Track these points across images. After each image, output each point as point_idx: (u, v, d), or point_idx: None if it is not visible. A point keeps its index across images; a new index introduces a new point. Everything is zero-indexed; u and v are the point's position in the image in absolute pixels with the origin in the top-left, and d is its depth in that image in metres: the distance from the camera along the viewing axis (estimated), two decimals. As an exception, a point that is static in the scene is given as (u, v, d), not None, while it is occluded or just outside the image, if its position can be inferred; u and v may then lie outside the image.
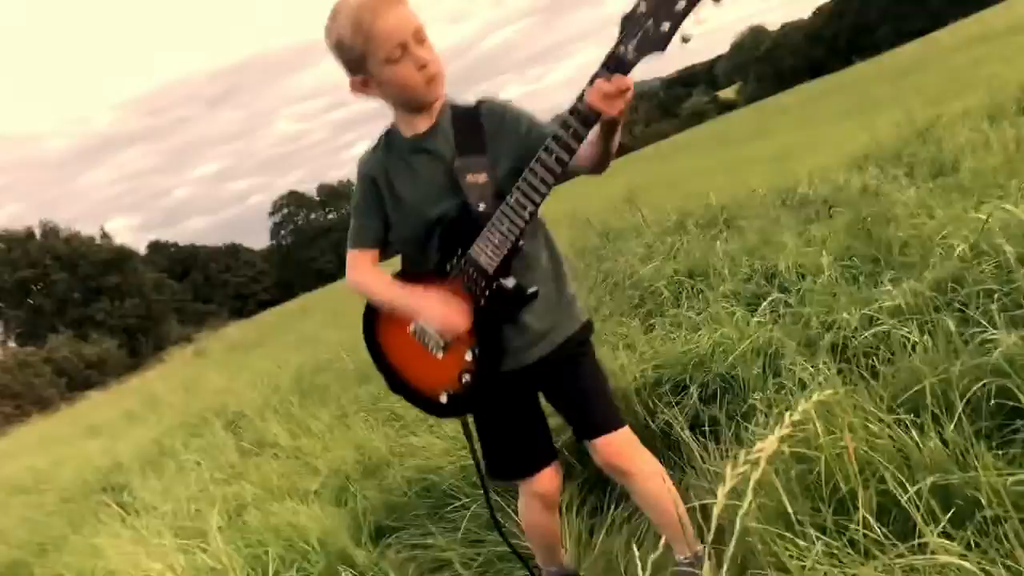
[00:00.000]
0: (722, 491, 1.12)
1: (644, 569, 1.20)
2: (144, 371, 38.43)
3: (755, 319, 3.38)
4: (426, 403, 2.21)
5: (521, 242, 1.97)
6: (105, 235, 63.87)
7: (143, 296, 61.02)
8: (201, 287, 78.69)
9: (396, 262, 2.28)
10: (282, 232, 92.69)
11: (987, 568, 1.34)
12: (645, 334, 4.05)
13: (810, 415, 1.91)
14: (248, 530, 3.67)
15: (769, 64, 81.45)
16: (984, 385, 2.04)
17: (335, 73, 2.05)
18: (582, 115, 1.79)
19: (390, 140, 2.12)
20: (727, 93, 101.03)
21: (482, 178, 2.00)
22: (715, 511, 1.20)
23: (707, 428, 2.91)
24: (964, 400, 1.97)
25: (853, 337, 2.81)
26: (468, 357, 2.08)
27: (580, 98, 1.78)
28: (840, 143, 8.62)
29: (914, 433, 1.86)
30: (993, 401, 2.01)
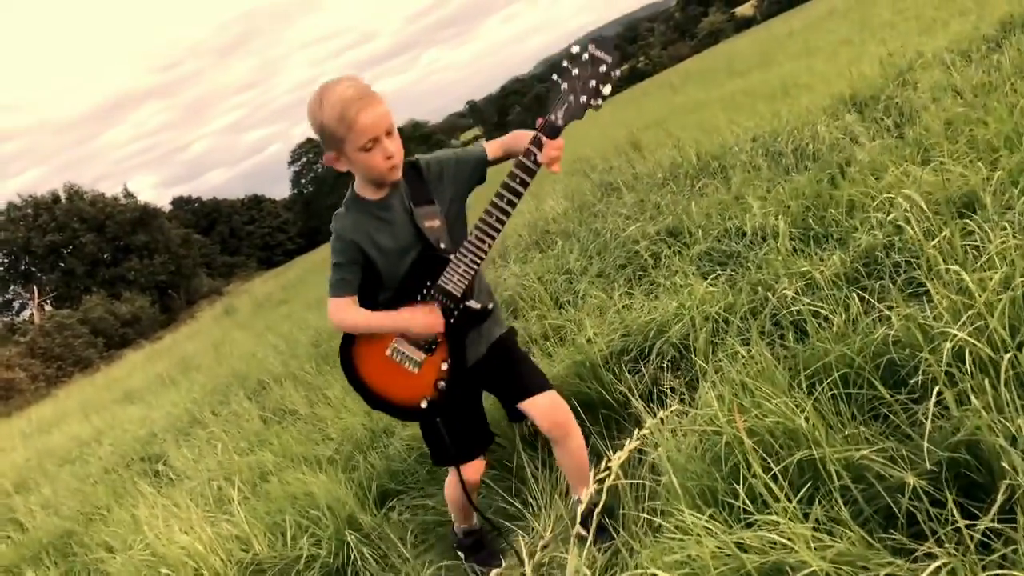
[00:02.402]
0: (615, 462, 1.44)
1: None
2: (177, 327, 39.33)
3: (707, 286, 3.64)
4: (404, 412, 2.72)
5: (478, 269, 2.46)
6: (129, 194, 64.35)
7: (171, 252, 61.70)
8: (228, 240, 79.37)
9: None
10: (303, 180, 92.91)
11: (805, 543, 1.65)
12: (624, 299, 4.34)
13: (711, 397, 2.24)
14: (268, 499, 4.08)
15: (785, -23, 79.22)
16: (875, 360, 2.35)
17: (346, 14, 2.49)
18: (529, 169, 2.31)
19: (358, 203, 2.56)
20: (744, 9, 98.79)
21: (437, 222, 2.48)
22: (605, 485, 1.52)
23: (665, 397, 3.23)
24: (853, 376, 2.28)
25: (786, 307, 3.09)
26: (444, 366, 2.58)
27: (527, 155, 2.29)
28: (831, 79, 8.71)
29: (809, 408, 2.17)
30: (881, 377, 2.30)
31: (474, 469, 2.82)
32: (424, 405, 2.61)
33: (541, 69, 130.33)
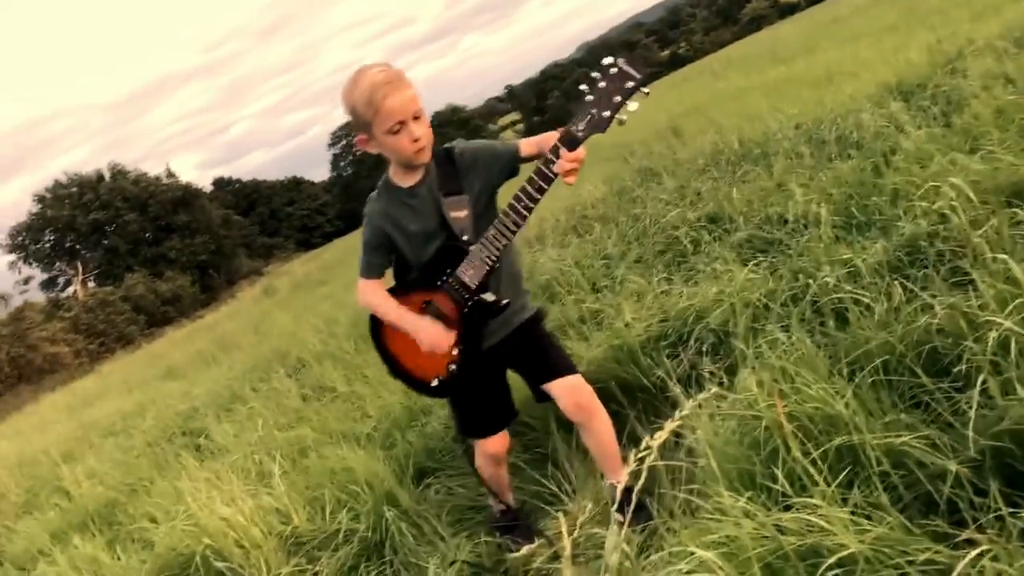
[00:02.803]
0: (654, 441, 1.46)
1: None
2: (217, 307, 39.89)
3: (748, 273, 3.63)
4: (418, 385, 2.85)
5: (498, 264, 2.53)
6: (171, 174, 65.25)
7: (212, 232, 62.53)
8: (267, 221, 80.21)
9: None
10: (342, 163, 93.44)
11: (844, 526, 1.66)
12: (663, 284, 4.34)
13: (751, 382, 2.25)
14: (308, 473, 4.15)
15: (832, -38, 77.95)
16: (917, 349, 2.34)
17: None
18: (547, 177, 2.37)
19: (388, 189, 2.67)
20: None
21: (463, 213, 2.55)
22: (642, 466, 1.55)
23: (703, 381, 3.24)
24: (894, 363, 2.27)
25: (828, 295, 3.07)
26: (455, 352, 2.68)
27: (545, 163, 2.36)
28: (876, 67, 8.59)
29: (849, 395, 2.17)
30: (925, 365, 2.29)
31: (495, 444, 2.90)
32: (435, 384, 2.75)
33: (581, 54, 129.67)
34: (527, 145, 2.67)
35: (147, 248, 60.08)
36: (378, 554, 3.41)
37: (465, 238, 2.55)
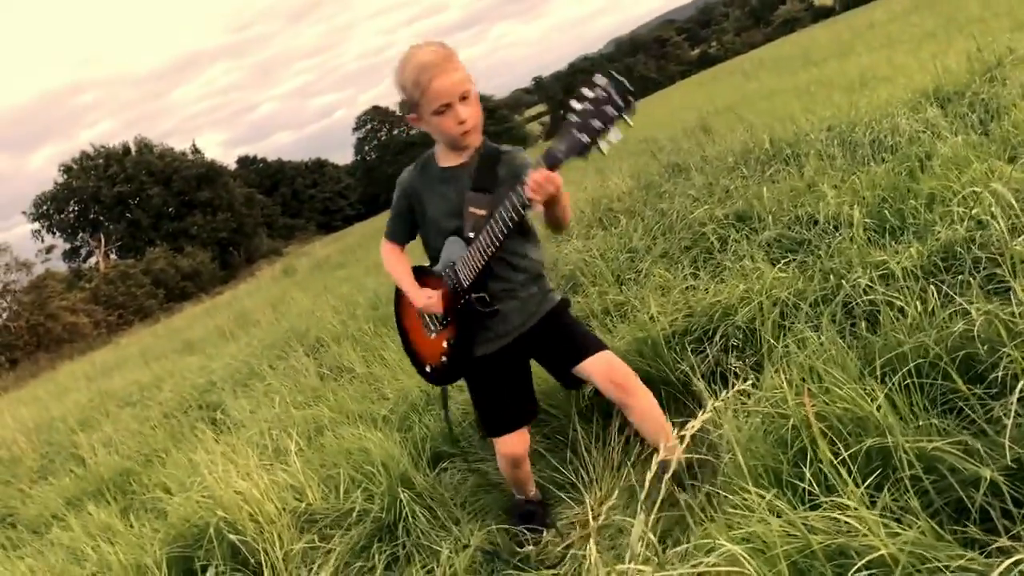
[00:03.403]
0: (679, 439, 1.44)
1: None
2: (236, 284, 40.11)
3: (777, 271, 3.59)
4: (419, 367, 2.92)
5: (492, 268, 2.55)
6: (196, 150, 65.72)
7: (234, 210, 62.90)
8: (289, 202, 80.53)
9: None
10: (366, 147, 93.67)
11: (872, 527, 1.63)
12: (687, 279, 4.31)
13: (779, 380, 2.22)
14: (324, 452, 4.15)
15: (868, -33, 77.21)
16: (952, 354, 2.30)
17: None
18: (520, 199, 2.33)
19: (426, 166, 2.69)
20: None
21: (481, 212, 2.54)
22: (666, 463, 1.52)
23: (728, 378, 3.21)
24: (927, 368, 2.23)
25: (862, 295, 3.03)
26: (445, 345, 2.71)
27: (521, 183, 2.32)
28: (912, 73, 8.49)
29: (881, 397, 2.13)
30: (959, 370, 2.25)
31: (512, 444, 2.86)
32: (428, 370, 2.83)
33: (611, 49, 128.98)
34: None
35: (169, 223, 60.49)
36: (391, 535, 3.40)
37: (471, 235, 2.55)
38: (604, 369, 2.65)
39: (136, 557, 3.66)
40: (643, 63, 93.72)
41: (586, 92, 2.16)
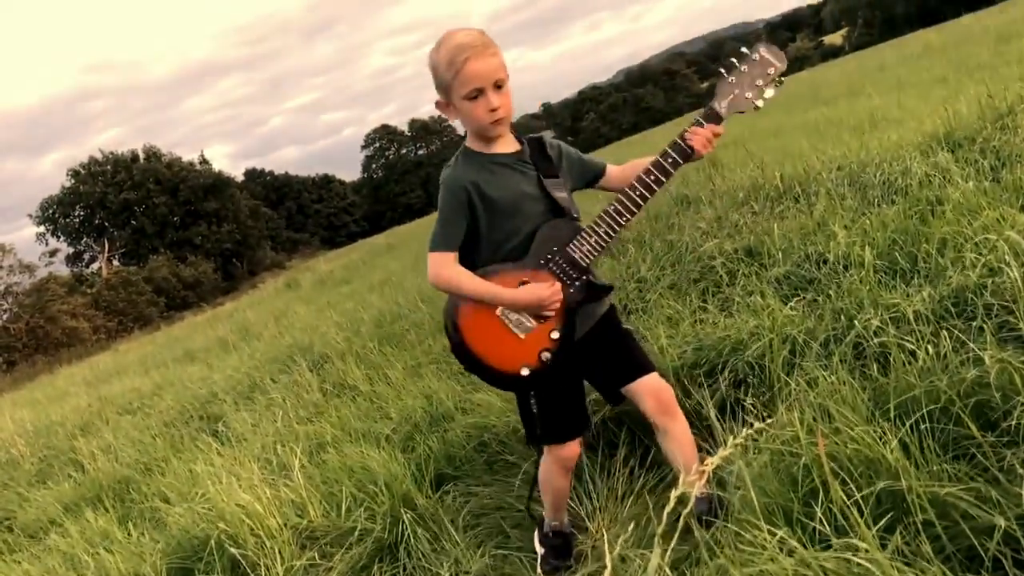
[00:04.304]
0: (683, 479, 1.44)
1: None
2: (238, 296, 40.12)
3: (788, 309, 3.60)
4: (501, 378, 2.58)
5: (613, 243, 2.51)
6: (204, 161, 65.93)
7: (239, 222, 63.04)
8: (294, 216, 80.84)
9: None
10: (373, 165, 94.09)
11: (885, 570, 1.64)
12: (696, 313, 4.32)
13: (792, 418, 2.23)
14: (326, 469, 4.14)
15: (879, 9, 77.86)
16: (964, 400, 2.30)
17: (430, 9, 2.46)
18: (682, 150, 2.42)
19: (469, 155, 2.54)
20: (833, 38, 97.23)
21: (564, 193, 2.50)
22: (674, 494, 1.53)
23: (738, 412, 3.21)
24: (938, 413, 2.24)
25: (872, 337, 3.04)
26: (555, 336, 2.52)
27: (681, 137, 2.41)
28: (922, 116, 8.53)
29: (892, 441, 2.14)
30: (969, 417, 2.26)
31: (573, 449, 2.73)
32: (525, 372, 2.51)
33: (620, 79, 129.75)
34: (613, 172, 2.68)
35: (174, 232, 60.62)
36: (392, 556, 3.40)
37: (575, 215, 2.48)
38: (655, 391, 2.61)
39: (135, 566, 3.65)
40: (651, 93, 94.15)
41: (744, 58, 2.43)
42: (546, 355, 2.51)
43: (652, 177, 2.41)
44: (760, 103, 2.43)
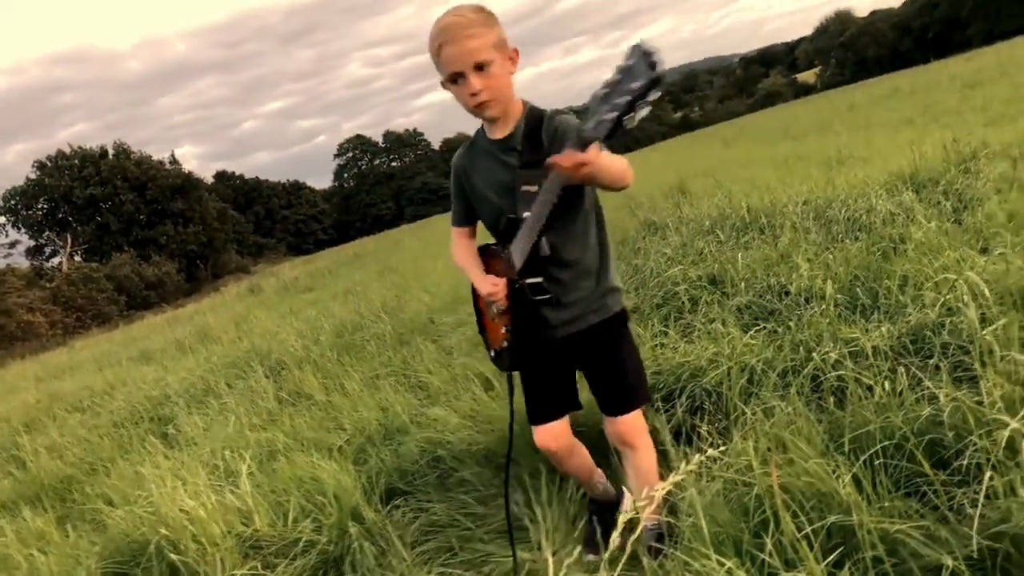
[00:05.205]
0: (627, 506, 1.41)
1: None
2: (200, 298, 39.63)
3: (748, 338, 3.61)
4: (488, 351, 2.77)
5: (544, 251, 2.40)
6: (174, 160, 65.20)
7: (206, 224, 62.36)
8: (262, 221, 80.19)
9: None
10: (345, 175, 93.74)
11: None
12: (657, 337, 4.32)
13: (747, 447, 2.21)
14: (275, 477, 4.05)
15: (852, 51, 79.38)
16: (918, 437, 2.30)
17: (409, 22, 2.39)
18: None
19: (476, 139, 2.57)
20: (806, 76, 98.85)
21: (534, 189, 2.34)
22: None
23: (693, 439, 3.19)
24: (891, 449, 2.24)
25: (830, 370, 3.04)
26: (502, 331, 2.58)
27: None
28: (889, 156, 8.67)
29: (845, 474, 2.13)
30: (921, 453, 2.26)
31: (544, 435, 2.73)
32: (492, 354, 2.71)
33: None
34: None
35: (139, 230, 59.81)
36: (336, 569, 3.33)
37: (526, 215, 2.35)
38: (619, 433, 2.63)
39: (69, 569, 3.54)
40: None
41: (620, 64, 1.95)
42: (504, 344, 2.58)
43: (543, 201, 2.25)
44: (628, 125, 1.91)
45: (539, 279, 2.45)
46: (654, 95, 1.87)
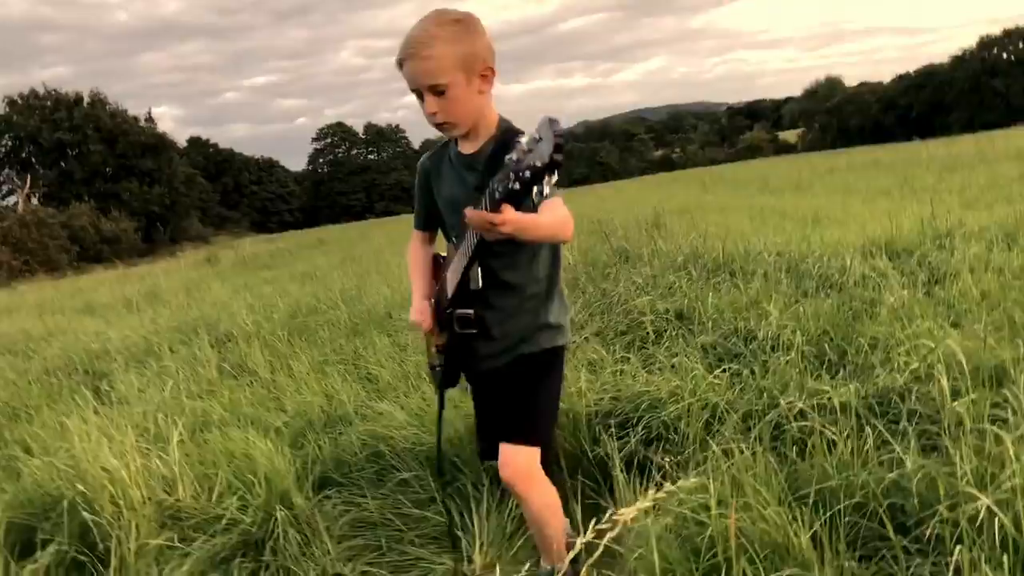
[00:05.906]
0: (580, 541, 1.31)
1: None
2: (155, 260, 38.93)
3: (711, 377, 3.54)
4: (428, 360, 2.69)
5: (475, 284, 2.22)
6: (150, 119, 64.05)
7: (172, 187, 61.31)
8: (230, 193, 79.14)
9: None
10: (320, 160, 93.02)
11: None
12: (619, 363, 4.24)
13: (705, 483, 2.12)
14: (206, 449, 3.89)
15: (837, 117, 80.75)
16: (882, 500, 2.24)
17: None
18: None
19: (446, 145, 2.43)
20: (788, 135, 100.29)
21: None
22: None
23: (646, 469, 3.10)
24: (851, 508, 2.16)
25: (794, 420, 2.97)
26: (433, 350, 2.53)
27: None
28: (865, 222, 8.73)
29: (803, 530, 2.05)
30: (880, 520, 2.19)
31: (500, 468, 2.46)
32: (428, 367, 2.67)
33: (581, 129, 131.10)
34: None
35: (103, 183, 58.61)
36: (257, 551, 3.18)
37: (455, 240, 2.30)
38: (504, 457, 2.37)
39: (-29, 516, 3.33)
40: (607, 150, 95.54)
41: (533, 134, 1.71)
42: (438, 362, 2.54)
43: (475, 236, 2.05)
44: (536, 197, 1.74)
45: (469, 311, 2.29)
46: (551, 177, 1.68)
